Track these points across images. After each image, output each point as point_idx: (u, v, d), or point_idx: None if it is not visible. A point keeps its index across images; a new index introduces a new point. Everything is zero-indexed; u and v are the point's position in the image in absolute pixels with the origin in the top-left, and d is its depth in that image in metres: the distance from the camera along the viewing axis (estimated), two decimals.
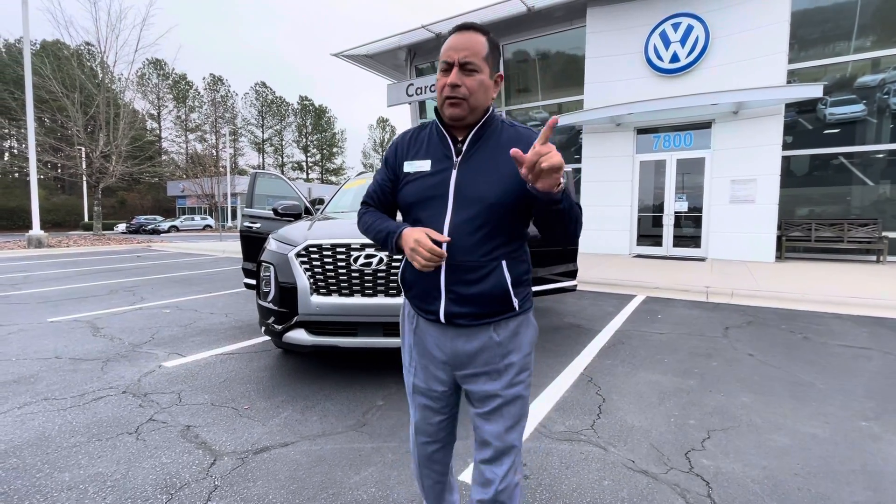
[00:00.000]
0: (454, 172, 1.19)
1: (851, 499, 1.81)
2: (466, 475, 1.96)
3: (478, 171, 1.18)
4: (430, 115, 14.68)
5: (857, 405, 2.70)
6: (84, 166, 21.20)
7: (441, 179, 1.20)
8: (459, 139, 1.22)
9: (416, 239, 1.11)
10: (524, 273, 1.24)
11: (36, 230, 14.89)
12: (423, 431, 1.40)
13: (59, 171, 24.93)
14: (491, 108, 1.22)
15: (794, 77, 9.52)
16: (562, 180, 1.00)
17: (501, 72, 1.23)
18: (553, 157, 0.93)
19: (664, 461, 2.08)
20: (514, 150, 0.96)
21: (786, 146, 9.25)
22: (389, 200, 1.36)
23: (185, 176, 39.18)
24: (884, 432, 2.37)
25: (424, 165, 1.23)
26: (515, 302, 1.21)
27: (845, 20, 9.29)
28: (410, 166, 1.26)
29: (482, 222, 1.15)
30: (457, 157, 1.20)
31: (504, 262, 1.18)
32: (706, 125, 9.64)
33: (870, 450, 2.19)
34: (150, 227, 31.49)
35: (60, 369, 3.28)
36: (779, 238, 9.34)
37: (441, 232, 1.16)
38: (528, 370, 1.27)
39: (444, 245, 1.16)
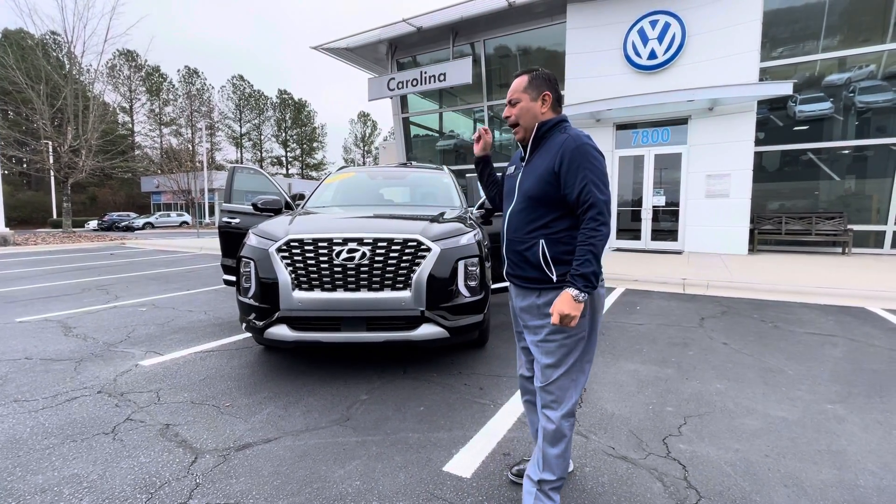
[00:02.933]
0: (520, 174, 1.64)
1: (818, 477, 1.90)
2: (450, 466, 1.98)
3: (529, 172, 1.60)
4: (412, 109, 14.61)
5: (824, 389, 2.83)
6: (51, 161, 20.36)
7: (514, 180, 1.67)
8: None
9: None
10: (565, 253, 1.52)
11: (1, 227, 14.28)
12: (522, 367, 1.83)
13: (25, 166, 23.90)
14: (547, 123, 1.58)
15: (765, 75, 9.81)
16: (575, 314, 1.42)
17: (548, 91, 1.59)
18: (555, 319, 1.44)
19: (643, 447, 2.15)
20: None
21: (758, 142, 9.54)
22: None
23: (159, 171, 38.00)
24: (848, 414, 2.49)
25: (511, 169, 1.75)
26: (553, 276, 1.53)
27: (814, 20, 9.61)
28: (507, 170, 1.78)
29: (524, 210, 1.59)
30: (522, 162, 1.66)
31: (542, 241, 1.54)
32: (683, 121, 9.87)
33: (835, 431, 2.30)
34: (123, 223, 30.47)
35: (31, 370, 3.17)
36: (751, 231, 9.65)
37: (505, 218, 1.68)
38: (565, 332, 1.53)
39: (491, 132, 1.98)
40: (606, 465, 1.99)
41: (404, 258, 2.78)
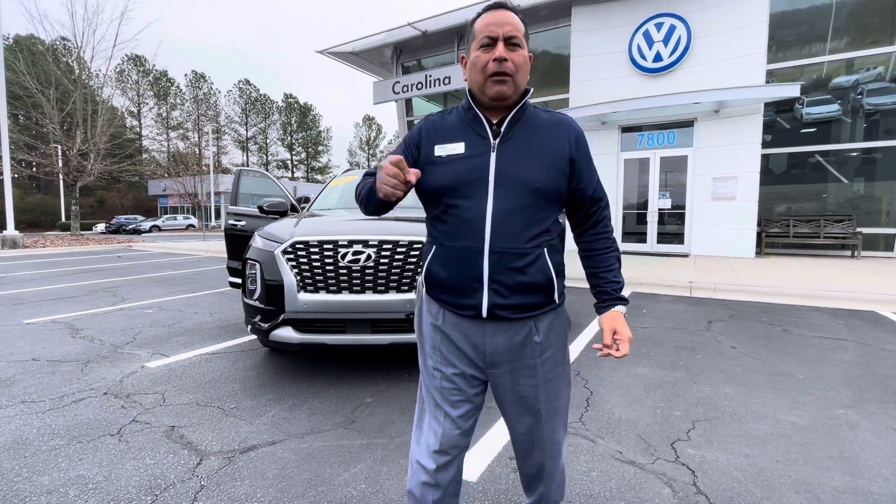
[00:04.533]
0: (493, 155, 1.12)
1: (830, 484, 1.86)
2: None
3: (520, 154, 1.13)
4: (417, 112, 14.64)
5: (835, 394, 2.79)
6: (60, 164, 20.60)
7: (479, 163, 1.13)
8: (495, 122, 1.16)
9: (382, 166, 1.01)
10: (561, 263, 1.20)
11: (10, 230, 14.44)
12: (440, 438, 1.23)
13: (35, 169, 24.21)
14: (529, 90, 1.18)
15: (772, 77, 9.74)
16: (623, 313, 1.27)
17: (531, 55, 1.19)
18: (623, 351, 1.20)
19: (651, 451, 2.12)
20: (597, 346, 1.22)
21: (765, 144, 9.47)
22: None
23: (166, 175, 38.35)
24: (860, 419, 2.44)
25: (458, 148, 1.15)
26: (556, 294, 1.18)
27: (821, 22, 9.55)
28: (442, 149, 1.17)
29: (525, 207, 1.11)
30: (494, 139, 1.14)
31: (546, 250, 1.14)
32: (689, 123, 9.82)
33: (847, 436, 2.26)
34: (130, 226, 30.73)
35: (38, 371, 3.19)
36: (758, 234, 9.56)
37: (484, 220, 1.10)
38: (563, 364, 1.25)
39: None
40: (614, 470, 1.97)
41: (409, 260, 2.78)
